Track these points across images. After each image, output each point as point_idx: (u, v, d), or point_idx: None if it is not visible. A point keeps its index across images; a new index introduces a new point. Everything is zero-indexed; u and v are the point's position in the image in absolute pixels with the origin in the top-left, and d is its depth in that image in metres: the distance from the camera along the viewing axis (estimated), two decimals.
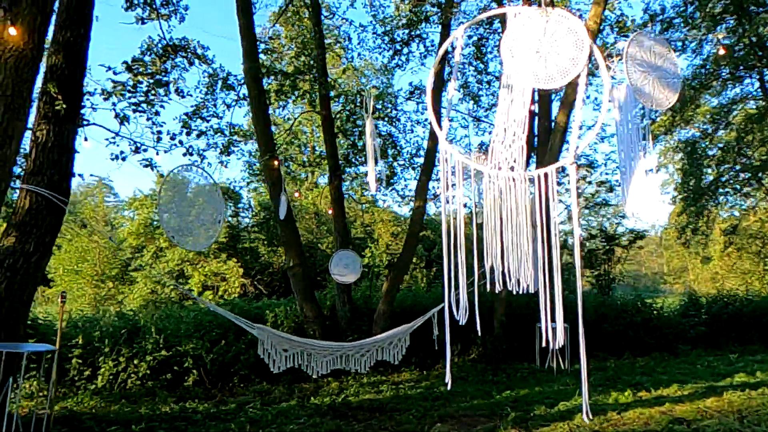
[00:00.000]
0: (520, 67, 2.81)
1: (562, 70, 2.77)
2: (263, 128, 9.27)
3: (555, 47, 2.79)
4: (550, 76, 2.78)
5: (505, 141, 2.83)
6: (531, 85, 2.83)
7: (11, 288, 5.13)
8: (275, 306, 10.04)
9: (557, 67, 2.78)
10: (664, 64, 4.35)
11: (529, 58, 2.81)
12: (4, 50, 4.16)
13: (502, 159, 2.81)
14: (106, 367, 7.36)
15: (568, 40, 2.80)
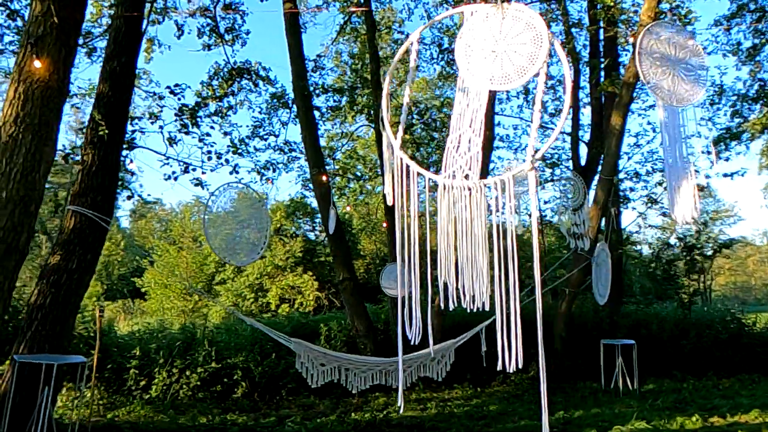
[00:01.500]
0: (475, 68, 2.64)
1: (519, 69, 2.56)
2: (312, 143, 9.43)
3: (512, 45, 2.59)
4: (507, 77, 2.58)
5: (460, 148, 2.65)
6: (487, 88, 2.63)
7: (55, 302, 5.50)
8: (329, 320, 10.11)
9: (514, 67, 2.57)
10: (687, 57, 3.96)
11: (484, 59, 2.62)
12: (31, 82, 4.49)
13: (457, 167, 2.63)
14: (159, 378, 7.71)
15: (525, 37, 2.58)
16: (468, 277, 2.58)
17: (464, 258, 2.59)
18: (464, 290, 2.62)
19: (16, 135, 4.45)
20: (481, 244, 2.59)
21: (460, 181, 2.61)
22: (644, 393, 8.69)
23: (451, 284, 2.64)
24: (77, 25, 4.76)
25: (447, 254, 2.63)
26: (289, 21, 9.65)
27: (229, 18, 12.39)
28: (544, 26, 2.55)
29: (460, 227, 2.60)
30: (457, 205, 2.61)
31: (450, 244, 2.62)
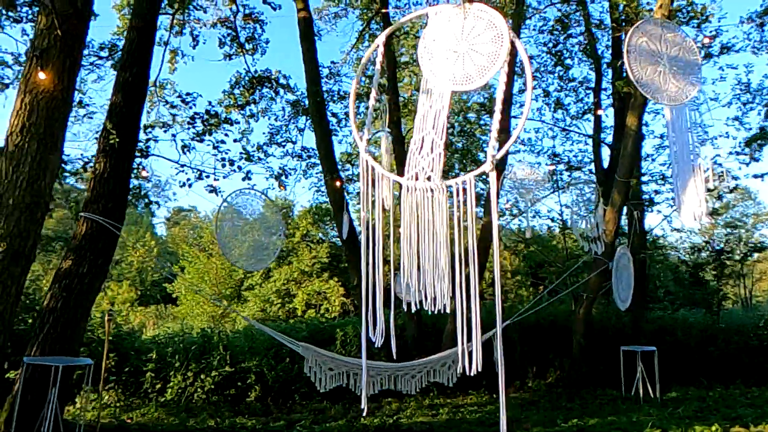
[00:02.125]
0: (437, 69, 2.63)
1: (480, 69, 2.54)
2: (325, 149, 9.50)
3: (473, 45, 2.57)
4: (468, 77, 2.56)
5: (422, 150, 2.64)
6: (449, 89, 2.62)
7: (66, 306, 5.67)
8: (346, 325, 10.13)
9: (475, 66, 2.55)
10: (680, 54, 3.86)
11: (446, 60, 2.61)
12: (36, 93, 4.66)
13: (419, 169, 2.62)
14: (175, 381, 7.86)
15: (487, 36, 2.56)
16: (429, 278, 2.57)
17: (426, 259, 2.57)
18: (425, 292, 2.60)
19: (22, 144, 4.62)
20: (443, 246, 2.57)
21: (422, 183, 2.60)
22: (666, 401, 8.43)
23: (412, 286, 2.63)
24: (81, 37, 4.92)
25: (409, 256, 2.61)
26: (303, 27, 9.76)
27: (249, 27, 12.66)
28: (505, 25, 2.52)
29: (422, 229, 2.59)
30: (420, 206, 2.59)
31: (413, 245, 2.61)
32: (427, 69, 2.65)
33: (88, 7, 4.95)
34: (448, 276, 2.55)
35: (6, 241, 4.57)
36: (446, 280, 2.55)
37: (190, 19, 12.72)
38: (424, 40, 2.68)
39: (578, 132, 13.48)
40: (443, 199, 2.56)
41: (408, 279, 2.62)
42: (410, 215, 2.60)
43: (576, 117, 13.74)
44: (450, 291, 2.55)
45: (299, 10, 9.87)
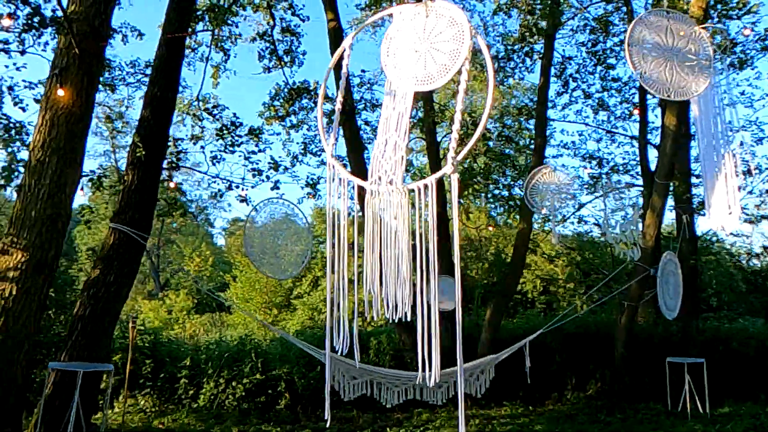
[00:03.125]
0: (399, 69, 2.55)
1: (441, 68, 2.45)
2: (356, 157, 9.51)
3: (435, 43, 2.48)
4: (430, 76, 2.47)
5: (385, 153, 2.56)
6: (411, 89, 2.54)
7: (94, 314, 5.88)
8: (381, 333, 10.08)
9: (436, 65, 2.46)
10: (688, 45, 3.62)
11: (407, 59, 2.53)
12: (56, 110, 4.88)
13: (382, 172, 2.55)
14: (207, 388, 8.01)
15: (448, 34, 2.47)
16: (391, 284, 2.48)
17: (387, 266, 2.49)
18: (387, 298, 2.52)
19: (43, 159, 4.85)
20: (405, 251, 2.48)
21: (384, 187, 2.53)
22: (716, 417, 7.90)
23: (374, 293, 2.55)
24: (99, 55, 5.12)
25: (372, 261, 2.54)
26: (333, 37, 9.84)
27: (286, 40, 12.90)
28: (467, 22, 2.43)
29: (384, 233, 2.52)
30: (382, 210, 2.52)
31: (376, 250, 2.54)
32: (389, 70, 2.58)
33: (105, 27, 5.15)
34: (410, 283, 2.46)
35: (29, 252, 4.79)
36: (407, 287, 2.46)
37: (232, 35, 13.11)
38: (386, 41, 2.61)
39: (624, 134, 12.96)
40: (405, 202, 2.47)
41: (371, 286, 2.55)
42: (373, 220, 2.53)
43: (623, 118, 13.21)
44: (411, 298, 2.46)
45: (330, 21, 9.96)
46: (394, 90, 2.60)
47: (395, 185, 2.49)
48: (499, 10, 11.75)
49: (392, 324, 9.63)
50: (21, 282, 4.74)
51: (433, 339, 2.42)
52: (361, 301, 2.59)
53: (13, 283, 4.72)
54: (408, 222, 2.47)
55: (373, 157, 2.60)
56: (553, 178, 6.45)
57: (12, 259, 4.76)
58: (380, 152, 2.57)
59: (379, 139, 2.59)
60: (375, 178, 2.56)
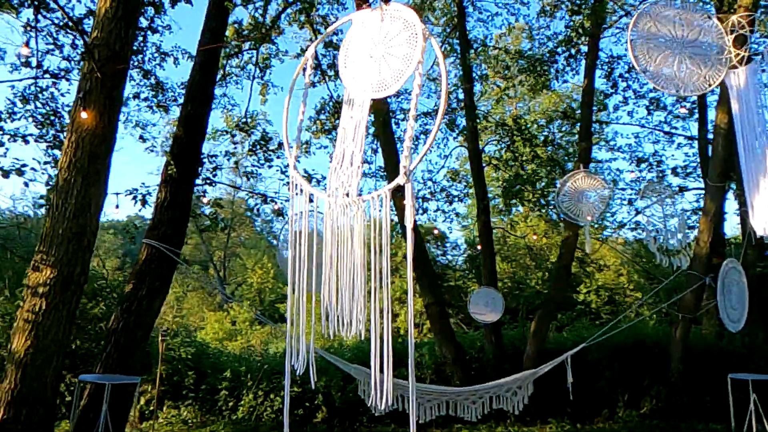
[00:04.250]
0: (356, 77, 2.46)
1: (395, 73, 2.33)
2: (392, 167, 9.44)
3: (389, 48, 2.37)
4: (384, 83, 2.36)
5: (343, 163, 2.47)
6: (368, 97, 2.43)
7: (126, 327, 6.08)
8: (422, 346, 9.91)
9: (391, 71, 2.35)
10: (697, 36, 3.33)
11: (363, 66, 2.44)
12: (81, 132, 5.09)
13: (339, 184, 2.45)
14: (246, 400, 8.11)
15: (402, 38, 2.36)
16: (347, 300, 2.38)
17: (342, 281, 2.40)
18: (342, 315, 2.42)
19: (69, 179, 5.06)
20: (360, 265, 2.38)
21: (341, 199, 2.44)
22: None
23: (331, 309, 2.46)
24: (120, 78, 5.31)
25: (329, 276, 2.45)
26: None
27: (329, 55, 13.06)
28: (420, 24, 2.31)
29: (340, 247, 2.42)
30: (338, 223, 2.43)
31: (333, 264, 2.44)
32: (346, 77, 2.49)
33: (126, 51, 5.34)
34: (364, 299, 2.35)
35: (57, 268, 5.00)
36: (362, 303, 2.35)
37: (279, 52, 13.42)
38: (343, 49, 2.53)
39: (683, 134, 12.21)
40: (360, 215, 2.37)
41: (327, 302, 2.46)
42: (331, 234, 2.44)
43: (683, 118, 12.47)
44: (365, 314, 2.35)
45: None
46: (352, 99, 2.51)
47: (351, 197, 2.39)
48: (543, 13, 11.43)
49: (438, 336, 9.44)
50: (50, 297, 4.94)
51: (386, 358, 2.28)
52: (319, 319, 2.50)
53: (42, 298, 4.93)
54: (362, 235, 2.37)
55: (331, 168, 2.52)
56: (586, 183, 6.12)
57: (42, 276, 4.98)
58: (338, 163, 2.48)
59: (337, 150, 2.51)
60: (332, 189, 2.47)
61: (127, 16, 5.31)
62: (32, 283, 5.00)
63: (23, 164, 5.96)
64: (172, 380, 8.20)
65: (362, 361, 8.26)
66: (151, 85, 9.83)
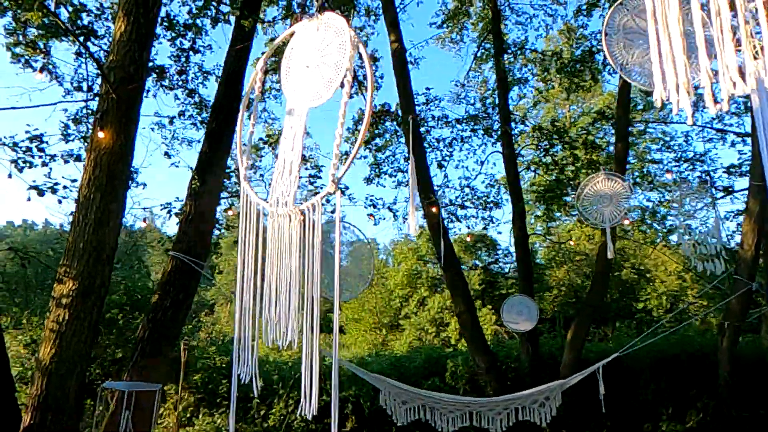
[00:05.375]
0: (294, 87, 2.48)
1: (327, 82, 2.33)
2: (421, 175, 9.39)
3: (323, 57, 2.38)
4: (318, 92, 2.36)
5: (283, 173, 2.48)
6: (305, 106, 2.44)
7: (152, 337, 6.32)
8: (459, 355, 9.77)
9: (323, 80, 2.35)
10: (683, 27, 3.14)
11: (301, 76, 2.45)
12: (99, 150, 5.36)
13: (279, 193, 2.46)
14: (277, 408, 8.23)
15: (334, 46, 2.35)
16: (284, 310, 2.39)
17: (279, 290, 2.40)
18: (280, 324, 2.42)
19: (88, 195, 5.33)
20: (294, 275, 2.37)
21: (280, 209, 2.45)
22: None
23: (270, 320, 2.46)
24: (135, 98, 5.56)
25: (269, 284, 2.46)
26: (397, 58, 9.89)
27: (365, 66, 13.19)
28: (349, 30, 2.31)
29: (276, 257, 2.43)
30: (275, 234, 2.45)
31: (274, 274, 2.45)
32: (286, 88, 2.51)
33: (141, 72, 5.59)
34: (297, 309, 2.35)
35: (78, 280, 5.26)
36: (294, 312, 2.35)
37: None
38: (285, 60, 2.56)
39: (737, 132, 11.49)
40: (296, 225, 2.37)
41: (267, 313, 2.47)
42: (272, 243, 2.46)
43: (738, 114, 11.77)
44: (298, 325, 2.34)
45: (392, 42, 10.02)
46: (292, 108, 2.53)
47: (288, 206, 2.40)
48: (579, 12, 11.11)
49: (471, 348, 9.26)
50: (72, 308, 5.21)
51: (313, 366, 2.27)
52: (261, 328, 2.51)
53: (65, 309, 5.21)
54: (298, 245, 2.37)
55: (273, 178, 2.54)
56: (607, 186, 5.87)
57: (65, 287, 5.26)
58: (279, 173, 2.50)
59: (278, 160, 2.52)
60: (274, 199, 2.48)
61: (141, 39, 5.56)
62: (56, 294, 5.29)
63: (55, 182, 6.31)
64: (207, 388, 8.43)
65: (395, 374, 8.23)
66: (195, 104, 10.22)
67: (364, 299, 25.61)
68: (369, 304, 25.32)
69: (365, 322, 25.06)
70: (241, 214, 2.70)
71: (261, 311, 2.49)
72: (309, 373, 2.29)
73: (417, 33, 38.21)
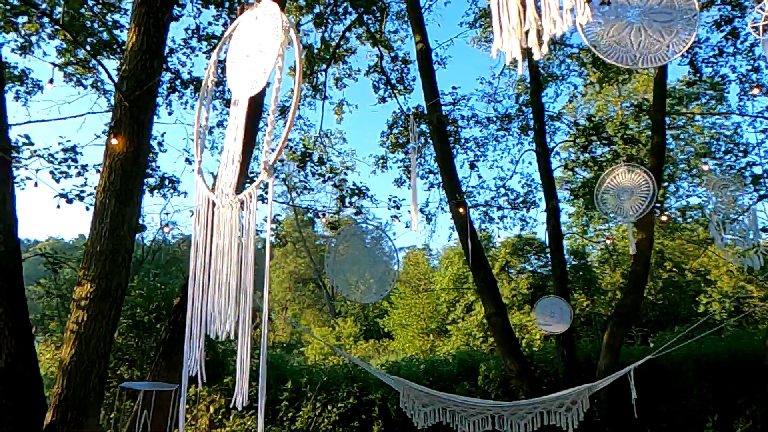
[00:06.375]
0: (235, 76, 2.47)
1: (263, 70, 2.31)
2: (448, 174, 9.28)
3: (259, 45, 2.35)
4: (255, 80, 2.34)
5: (227, 164, 2.46)
6: (245, 95, 2.42)
7: (173, 339, 6.46)
8: (492, 359, 9.55)
9: (260, 67, 2.32)
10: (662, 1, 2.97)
11: (241, 66, 2.44)
12: (113, 157, 5.55)
13: (223, 184, 2.44)
14: (305, 410, 8.26)
15: (268, 33, 2.33)
16: (221, 302, 2.37)
17: (219, 281, 2.39)
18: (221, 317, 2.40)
19: (104, 200, 5.53)
20: (234, 267, 2.35)
21: (222, 199, 2.44)
22: None
23: (206, 310, 2.45)
24: (147, 105, 5.73)
25: (212, 276, 2.45)
26: (422, 57, 9.83)
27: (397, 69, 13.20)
28: (281, 16, 2.28)
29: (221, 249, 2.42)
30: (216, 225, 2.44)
31: (218, 267, 2.44)
32: (230, 78, 2.51)
33: (152, 80, 5.76)
34: (235, 301, 2.32)
35: (96, 283, 5.45)
36: (232, 304, 2.32)
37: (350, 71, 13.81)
38: (230, 50, 2.55)
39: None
40: (236, 215, 2.35)
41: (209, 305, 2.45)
42: (217, 235, 2.45)
43: None
44: (235, 317, 2.31)
45: (417, 42, 9.97)
46: (237, 99, 2.52)
47: (229, 197, 2.39)
48: None
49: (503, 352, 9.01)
50: (90, 309, 5.40)
51: (243, 360, 2.23)
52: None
53: (84, 310, 5.40)
54: (235, 235, 2.35)
55: (219, 169, 2.53)
56: (627, 179, 5.59)
57: (84, 290, 5.46)
58: (223, 164, 2.49)
59: (224, 151, 2.52)
60: (219, 190, 2.48)
61: (152, 49, 5.73)
62: (76, 297, 5.49)
63: (81, 190, 6.58)
64: None
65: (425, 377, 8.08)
66: None
67: (411, 304, 25.51)
68: (416, 310, 25.18)
69: (413, 328, 24.91)
70: (194, 207, 2.70)
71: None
72: (241, 365, 2.25)
73: (444, 32, 37.99)
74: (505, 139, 11.40)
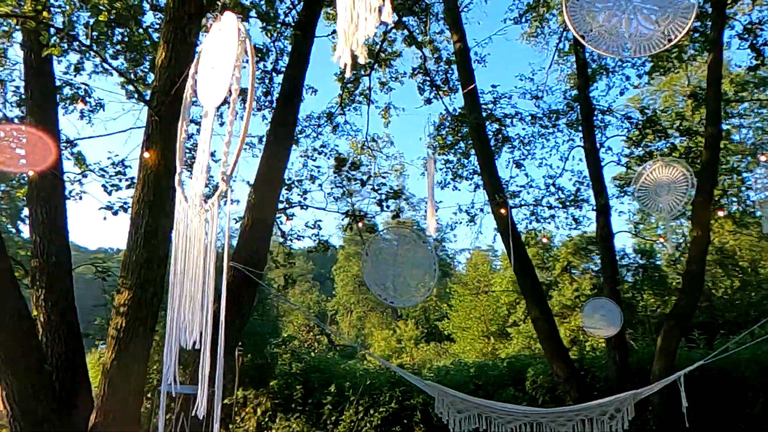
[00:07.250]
0: (203, 88, 2.50)
1: (223, 79, 2.33)
2: (489, 174, 9.09)
3: (221, 56, 2.38)
4: (217, 91, 2.36)
5: (198, 175, 2.49)
6: (211, 106, 2.44)
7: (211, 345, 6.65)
8: (540, 363, 9.26)
9: (221, 78, 2.35)
10: None
11: (207, 77, 2.47)
12: (146, 169, 5.79)
13: (194, 193, 2.47)
14: (347, 414, 8.30)
15: (228, 44, 2.34)
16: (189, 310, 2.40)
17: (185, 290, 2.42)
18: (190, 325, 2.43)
19: (139, 211, 5.77)
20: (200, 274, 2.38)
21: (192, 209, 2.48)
22: None
23: (179, 316, 2.48)
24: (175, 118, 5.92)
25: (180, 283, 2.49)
26: (460, 57, 9.70)
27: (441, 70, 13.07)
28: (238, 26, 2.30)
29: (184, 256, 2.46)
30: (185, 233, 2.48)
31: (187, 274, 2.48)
32: (199, 90, 2.55)
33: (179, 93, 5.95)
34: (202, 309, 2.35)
35: (132, 290, 5.70)
36: (197, 311, 2.35)
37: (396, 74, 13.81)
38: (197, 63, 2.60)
39: None
40: (202, 224, 2.39)
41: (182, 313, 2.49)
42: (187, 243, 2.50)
43: None
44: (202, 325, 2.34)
45: (455, 42, 9.85)
46: (206, 111, 2.55)
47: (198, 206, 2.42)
48: None
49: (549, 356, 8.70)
50: (128, 316, 5.64)
51: (203, 365, 2.25)
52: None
53: (123, 317, 5.65)
54: (201, 243, 2.37)
55: (192, 179, 2.58)
56: (665, 174, 5.26)
57: (122, 297, 5.71)
58: (195, 175, 2.53)
59: (196, 162, 2.56)
60: (191, 200, 2.52)
61: (180, 64, 5.93)
62: (116, 304, 5.76)
63: (125, 202, 6.90)
64: (284, 393, 8.71)
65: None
66: None
67: (471, 307, 25.17)
68: (476, 312, 24.82)
69: (473, 331, 24.55)
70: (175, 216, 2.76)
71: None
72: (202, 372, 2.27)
73: (483, 30, 37.26)
74: (554, 136, 11.03)
